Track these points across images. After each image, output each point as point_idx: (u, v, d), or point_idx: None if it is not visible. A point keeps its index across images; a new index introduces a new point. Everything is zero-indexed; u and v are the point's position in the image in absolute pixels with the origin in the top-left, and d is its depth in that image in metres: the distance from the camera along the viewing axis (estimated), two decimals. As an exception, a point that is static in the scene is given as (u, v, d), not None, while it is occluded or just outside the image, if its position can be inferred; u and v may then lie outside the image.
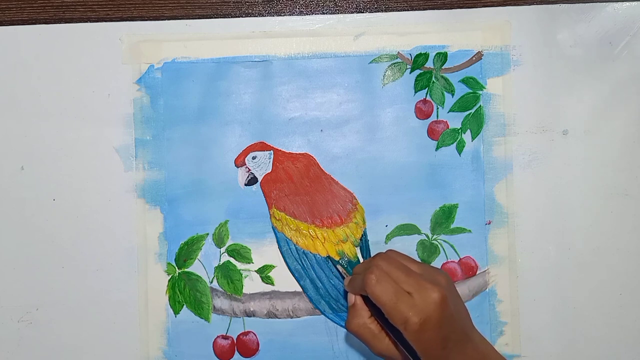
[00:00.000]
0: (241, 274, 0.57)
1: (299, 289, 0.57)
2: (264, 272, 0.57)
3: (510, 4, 0.58)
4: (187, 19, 0.58)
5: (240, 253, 0.57)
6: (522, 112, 0.58)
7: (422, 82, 0.58)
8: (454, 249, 0.58)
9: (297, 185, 0.57)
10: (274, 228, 0.57)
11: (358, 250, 0.57)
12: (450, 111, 0.58)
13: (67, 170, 0.57)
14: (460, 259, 0.58)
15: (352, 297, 0.49)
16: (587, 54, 0.58)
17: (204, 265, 0.57)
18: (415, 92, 0.58)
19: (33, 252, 0.57)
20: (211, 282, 0.57)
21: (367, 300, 0.48)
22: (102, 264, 0.57)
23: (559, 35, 0.58)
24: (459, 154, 0.58)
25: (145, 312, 0.57)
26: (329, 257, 0.57)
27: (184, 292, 0.57)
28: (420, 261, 0.51)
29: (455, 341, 0.45)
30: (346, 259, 0.57)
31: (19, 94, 0.57)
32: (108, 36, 0.57)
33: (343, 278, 0.55)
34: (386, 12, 0.58)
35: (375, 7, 0.58)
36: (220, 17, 0.58)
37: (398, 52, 0.58)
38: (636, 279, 0.58)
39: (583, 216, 0.58)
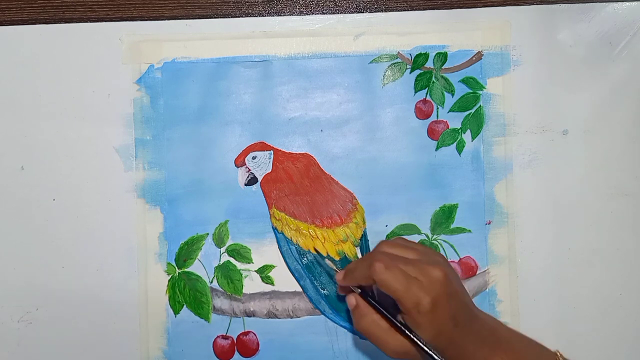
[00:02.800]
0: (241, 274, 0.57)
1: (299, 289, 0.57)
2: (264, 272, 0.57)
3: (510, 4, 0.58)
4: (187, 19, 0.58)
5: (240, 253, 0.57)
6: (522, 112, 0.58)
7: (422, 82, 0.58)
8: (454, 249, 0.58)
9: (297, 185, 0.57)
10: (274, 228, 0.57)
11: (358, 250, 0.57)
12: (450, 111, 0.58)
13: (67, 170, 0.57)
14: (460, 259, 0.58)
15: (352, 300, 0.49)
16: (587, 54, 0.58)
17: (204, 265, 0.57)
18: (415, 92, 0.58)
19: (33, 252, 0.57)
20: (211, 282, 0.57)
21: (366, 298, 0.48)
22: (102, 264, 0.57)
23: (559, 35, 0.58)
24: (459, 154, 0.58)
25: (145, 312, 0.57)
26: (328, 256, 0.57)
27: (184, 292, 0.57)
28: (414, 245, 0.51)
29: (463, 319, 0.45)
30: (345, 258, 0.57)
31: (19, 94, 0.57)
32: (108, 36, 0.57)
33: (335, 272, 0.55)
34: (386, 12, 0.58)
35: (375, 7, 0.58)
36: (220, 17, 0.58)
37: (398, 52, 0.58)
38: (636, 279, 0.58)
39: (583, 216, 0.58)
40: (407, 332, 0.46)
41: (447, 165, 0.58)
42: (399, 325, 0.46)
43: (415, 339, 0.45)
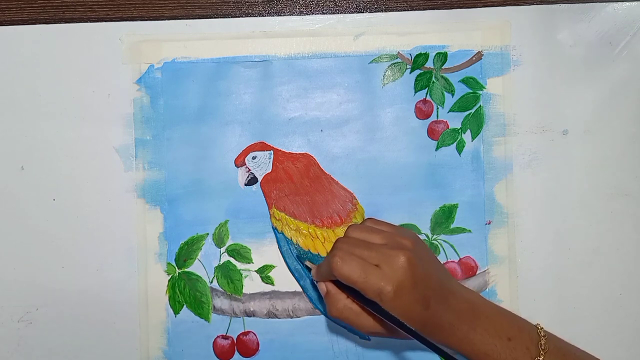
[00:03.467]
0: (241, 274, 0.57)
1: (299, 289, 0.57)
2: (264, 272, 0.57)
3: (510, 4, 0.58)
4: (187, 19, 0.58)
5: (240, 253, 0.57)
6: (522, 112, 0.58)
7: (422, 82, 0.58)
8: (454, 249, 0.58)
9: (297, 185, 0.57)
10: (274, 228, 0.57)
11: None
12: (450, 111, 0.58)
13: (67, 170, 0.57)
14: (460, 259, 0.58)
15: (323, 286, 0.49)
16: (587, 54, 0.58)
17: (204, 265, 0.57)
18: (415, 92, 0.58)
19: (33, 252, 0.57)
20: (211, 282, 0.57)
21: (340, 285, 0.47)
22: (102, 264, 0.57)
23: (559, 35, 0.58)
24: (459, 154, 0.58)
25: (145, 312, 0.57)
26: (307, 256, 0.56)
27: (184, 292, 0.57)
28: (385, 224, 0.50)
29: (436, 298, 0.45)
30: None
31: (19, 94, 0.57)
32: (108, 36, 0.57)
33: (309, 270, 0.55)
34: (386, 12, 0.58)
35: (375, 7, 0.58)
36: (220, 17, 0.58)
37: (398, 52, 0.58)
38: (636, 279, 0.58)
39: (583, 216, 0.58)
40: (377, 314, 0.45)
41: (447, 165, 0.58)
42: (370, 309, 0.46)
43: (386, 320, 0.45)
